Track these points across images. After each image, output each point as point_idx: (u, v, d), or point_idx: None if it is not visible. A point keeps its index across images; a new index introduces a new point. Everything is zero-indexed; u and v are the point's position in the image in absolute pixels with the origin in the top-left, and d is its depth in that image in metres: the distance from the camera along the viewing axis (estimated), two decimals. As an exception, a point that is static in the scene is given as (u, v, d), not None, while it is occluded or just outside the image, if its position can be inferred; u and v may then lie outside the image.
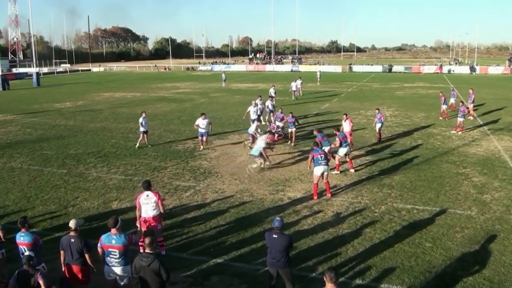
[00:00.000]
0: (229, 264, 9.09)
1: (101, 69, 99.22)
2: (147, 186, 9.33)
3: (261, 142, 15.68)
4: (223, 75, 53.54)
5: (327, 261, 9.14)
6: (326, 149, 15.61)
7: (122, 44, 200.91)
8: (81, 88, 51.48)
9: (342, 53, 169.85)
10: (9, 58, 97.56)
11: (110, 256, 7.19)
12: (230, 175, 15.21)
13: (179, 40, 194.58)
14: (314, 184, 12.80)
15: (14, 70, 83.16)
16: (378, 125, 20.17)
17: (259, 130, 18.57)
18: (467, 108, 24.78)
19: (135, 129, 23.41)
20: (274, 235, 7.41)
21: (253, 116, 21.69)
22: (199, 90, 46.28)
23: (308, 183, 14.15)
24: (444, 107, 26.30)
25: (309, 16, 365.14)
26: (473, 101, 27.34)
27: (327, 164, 12.67)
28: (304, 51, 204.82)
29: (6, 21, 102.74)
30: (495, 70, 73.23)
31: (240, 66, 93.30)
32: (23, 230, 7.60)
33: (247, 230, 10.69)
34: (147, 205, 9.16)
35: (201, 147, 18.87)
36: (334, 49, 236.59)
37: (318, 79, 52.29)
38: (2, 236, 8.18)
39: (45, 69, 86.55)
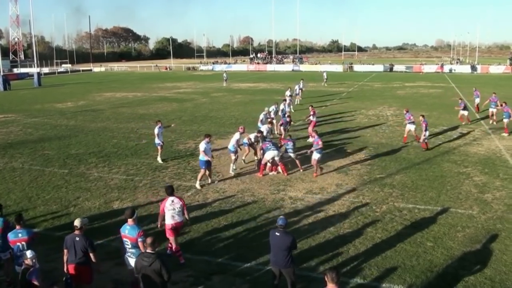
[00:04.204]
0: (230, 264, 9.09)
1: (102, 69, 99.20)
2: (171, 191, 9.10)
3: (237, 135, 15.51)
4: (225, 75, 53.49)
5: (328, 260, 9.16)
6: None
7: (123, 44, 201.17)
8: (82, 88, 51.53)
9: (343, 52, 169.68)
10: (10, 58, 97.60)
11: (125, 245, 7.61)
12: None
13: (180, 40, 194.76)
14: (262, 164, 14.86)
15: (15, 70, 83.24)
16: (425, 133, 18.12)
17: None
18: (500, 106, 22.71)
19: (136, 129, 23.46)
20: (277, 233, 7.43)
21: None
22: (200, 90, 46.30)
23: (309, 182, 14.18)
24: (465, 113, 24.05)
25: (310, 16, 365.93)
26: (497, 104, 24.36)
27: (277, 150, 14.70)
28: (305, 51, 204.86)
29: (7, 21, 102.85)
30: (496, 69, 73.07)
31: (241, 66, 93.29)
32: (18, 227, 7.62)
33: (249, 229, 10.70)
34: (173, 211, 8.90)
35: (209, 180, 14.27)
36: (335, 48, 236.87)
37: (325, 79, 50.42)
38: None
39: (46, 69, 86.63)
